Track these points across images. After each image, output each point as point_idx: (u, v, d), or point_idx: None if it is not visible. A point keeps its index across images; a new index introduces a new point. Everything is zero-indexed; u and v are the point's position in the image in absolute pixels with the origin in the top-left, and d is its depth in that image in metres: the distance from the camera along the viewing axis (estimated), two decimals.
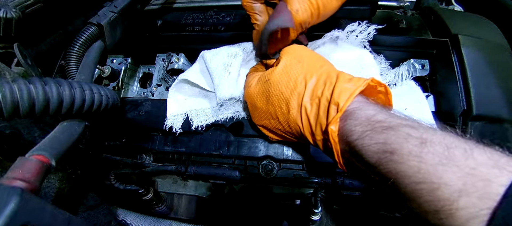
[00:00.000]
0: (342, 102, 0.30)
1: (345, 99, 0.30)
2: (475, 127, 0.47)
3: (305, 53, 0.40)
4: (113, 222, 0.62)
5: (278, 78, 0.38)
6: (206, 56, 0.56)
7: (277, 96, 0.38)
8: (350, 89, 0.31)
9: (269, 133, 0.45)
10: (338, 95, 0.31)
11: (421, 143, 0.24)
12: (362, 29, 0.51)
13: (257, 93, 0.41)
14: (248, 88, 0.43)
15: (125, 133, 0.61)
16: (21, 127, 0.50)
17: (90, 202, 0.61)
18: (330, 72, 0.35)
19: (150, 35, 0.66)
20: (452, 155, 0.23)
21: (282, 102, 0.37)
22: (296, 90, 0.36)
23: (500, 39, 0.54)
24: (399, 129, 0.26)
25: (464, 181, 0.21)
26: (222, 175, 0.55)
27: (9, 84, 0.28)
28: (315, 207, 0.57)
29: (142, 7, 0.64)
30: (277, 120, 0.39)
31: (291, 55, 0.40)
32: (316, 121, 0.33)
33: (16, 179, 0.26)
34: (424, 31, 0.59)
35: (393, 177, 0.25)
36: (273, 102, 0.38)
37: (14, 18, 0.43)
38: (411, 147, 0.25)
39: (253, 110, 0.44)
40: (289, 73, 0.37)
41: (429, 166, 0.23)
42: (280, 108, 0.38)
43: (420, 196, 0.23)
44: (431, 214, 0.22)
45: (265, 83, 0.40)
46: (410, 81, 0.55)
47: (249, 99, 0.43)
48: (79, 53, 0.48)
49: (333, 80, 0.33)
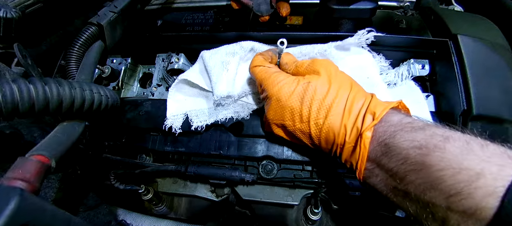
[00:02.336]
0: (378, 112, 0.35)
1: (381, 110, 0.35)
2: (475, 127, 0.47)
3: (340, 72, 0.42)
4: (113, 222, 0.62)
5: (321, 84, 0.39)
6: (205, 55, 0.56)
7: (317, 101, 0.39)
8: (384, 104, 0.36)
9: (282, 133, 0.46)
10: (375, 106, 0.36)
11: (445, 138, 0.29)
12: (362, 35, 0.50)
13: (291, 92, 0.41)
14: (279, 84, 0.42)
15: (125, 133, 0.61)
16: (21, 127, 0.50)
17: (90, 202, 0.61)
18: (364, 90, 0.40)
19: (150, 35, 0.66)
20: (471, 147, 0.27)
21: (321, 107, 0.39)
22: (340, 99, 0.38)
23: (500, 39, 0.54)
24: (425, 128, 0.31)
25: (482, 166, 0.25)
26: (222, 175, 0.55)
27: (9, 84, 0.28)
28: (315, 207, 0.57)
29: (142, 7, 0.64)
30: (307, 123, 0.40)
31: (328, 66, 0.42)
32: (352, 128, 0.37)
33: (16, 179, 0.26)
34: (424, 31, 0.59)
35: (420, 167, 0.29)
36: (310, 105, 0.39)
37: (14, 18, 0.43)
38: (436, 142, 0.29)
39: (276, 108, 0.43)
40: (332, 82, 0.40)
41: (451, 155, 0.27)
42: (317, 113, 0.39)
43: (442, 181, 0.27)
44: (452, 197, 0.26)
45: (304, 84, 0.40)
46: (409, 81, 0.55)
47: (276, 96, 0.42)
48: (79, 53, 0.48)
49: (369, 97, 0.38)
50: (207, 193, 0.63)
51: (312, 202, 0.57)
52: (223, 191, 0.63)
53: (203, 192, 0.63)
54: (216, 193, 0.64)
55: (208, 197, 0.63)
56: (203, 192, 0.63)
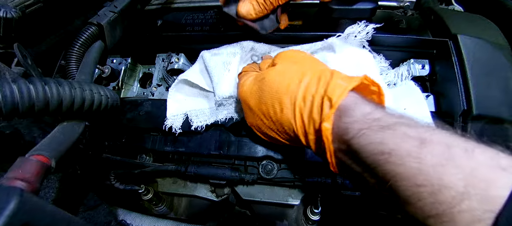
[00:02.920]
0: (335, 98, 0.29)
1: (338, 94, 0.29)
2: (475, 127, 0.47)
3: (300, 55, 0.40)
4: (113, 222, 0.62)
5: (273, 77, 0.37)
6: (205, 56, 0.56)
7: (270, 95, 0.36)
8: (343, 85, 0.30)
9: (261, 135, 0.44)
10: (332, 91, 0.30)
11: (421, 142, 0.23)
12: (361, 29, 0.51)
13: (250, 92, 0.40)
14: (241, 87, 0.42)
15: (125, 133, 0.61)
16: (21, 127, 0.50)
17: (90, 202, 0.61)
18: (324, 70, 0.34)
19: (150, 35, 0.66)
20: (453, 154, 0.22)
21: (275, 101, 0.36)
22: (290, 88, 0.34)
23: (500, 39, 0.54)
24: (396, 128, 0.25)
25: (466, 182, 0.20)
26: (222, 175, 0.55)
27: (9, 84, 0.28)
28: (315, 207, 0.57)
29: (142, 7, 0.64)
30: (270, 119, 0.38)
31: (286, 58, 0.40)
32: (309, 118, 0.32)
33: (16, 179, 0.26)
34: (424, 31, 0.59)
35: (391, 180, 0.24)
36: (266, 101, 0.37)
37: (14, 18, 0.43)
38: (409, 147, 0.23)
39: (246, 110, 0.43)
40: (284, 73, 0.36)
41: (429, 167, 0.22)
42: (272, 108, 0.36)
43: (420, 199, 0.22)
44: (432, 218, 0.22)
45: (259, 82, 0.39)
46: (409, 81, 0.55)
47: (242, 99, 0.42)
48: (79, 53, 0.48)
49: (327, 78, 0.32)
50: (207, 193, 0.63)
51: (312, 202, 0.57)
52: (223, 191, 0.63)
53: (203, 192, 0.63)
54: (216, 193, 0.64)
55: (208, 197, 0.63)
56: (203, 192, 0.63)
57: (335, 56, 0.52)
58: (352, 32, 0.51)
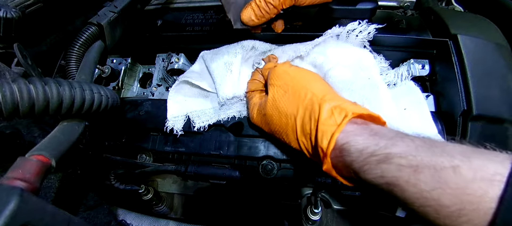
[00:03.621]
0: (325, 147, 0.33)
1: (326, 143, 0.32)
2: (475, 127, 0.47)
3: (288, 78, 0.42)
4: (113, 222, 0.62)
5: (271, 112, 0.42)
6: (205, 56, 0.56)
7: (276, 128, 0.42)
8: (331, 128, 0.33)
9: None
10: (321, 138, 0.33)
11: (414, 171, 0.26)
12: (362, 28, 0.51)
13: (260, 123, 0.47)
14: (252, 117, 0.49)
15: (125, 133, 0.61)
16: (21, 127, 0.50)
17: (90, 202, 0.61)
18: (313, 103, 0.36)
19: (150, 35, 0.66)
20: (444, 178, 0.25)
21: (282, 133, 0.42)
22: (289, 126, 0.39)
23: (500, 39, 0.54)
24: (390, 161, 0.28)
25: (460, 200, 0.23)
26: (222, 175, 0.55)
27: (9, 84, 0.28)
28: (315, 207, 0.57)
29: (142, 7, 0.64)
30: (283, 141, 0.43)
31: (277, 84, 0.43)
32: (313, 152, 0.37)
33: (16, 179, 0.26)
34: (424, 31, 0.59)
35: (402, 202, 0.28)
36: (275, 131, 0.43)
37: (14, 18, 0.43)
38: (406, 177, 0.26)
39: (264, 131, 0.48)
40: (279, 108, 0.41)
41: (426, 193, 0.25)
42: (281, 137, 0.43)
43: (427, 214, 0.26)
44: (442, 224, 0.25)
45: (263, 117, 0.45)
46: (409, 81, 0.55)
47: (257, 124, 0.49)
48: (79, 53, 0.48)
49: (316, 115, 0.35)
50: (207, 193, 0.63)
51: (312, 202, 0.57)
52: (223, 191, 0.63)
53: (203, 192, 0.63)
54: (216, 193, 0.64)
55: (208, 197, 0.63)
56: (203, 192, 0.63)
57: (336, 54, 0.52)
58: (352, 29, 0.51)
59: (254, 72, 0.53)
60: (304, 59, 0.54)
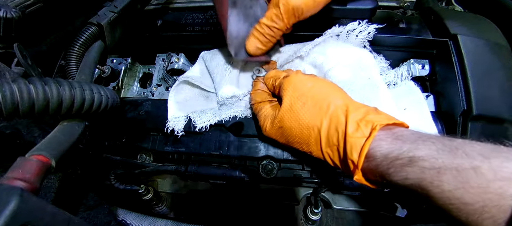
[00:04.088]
0: (356, 160, 0.34)
1: (357, 157, 0.34)
2: (475, 127, 0.47)
3: (305, 89, 0.41)
4: (113, 222, 0.62)
5: (290, 124, 0.41)
6: (205, 56, 0.56)
7: (296, 139, 0.41)
8: (360, 141, 0.34)
9: None
10: (350, 151, 0.34)
11: (437, 172, 0.28)
12: (362, 28, 0.51)
13: (275, 134, 0.45)
14: (264, 129, 0.46)
15: (125, 133, 0.61)
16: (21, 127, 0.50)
17: (90, 202, 0.61)
18: (338, 114, 0.37)
19: (150, 35, 0.66)
20: (465, 177, 0.26)
21: (303, 144, 0.41)
22: (311, 137, 0.39)
23: (500, 39, 0.54)
24: (414, 165, 0.30)
25: (482, 198, 0.25)
26: (222, 175, 0.55)
27: (9, 84, 0.28)
28: (315, 207, 0.57)
29: (142, 7, 0.64)
30: (301, 150, 0.43)
31: (293, 96, 0.41)
32: (341, 164, 0.37)
33: (16, 179, 0.26)
34: (424, 31, 0.59)
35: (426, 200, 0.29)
36: (293, 143, 0.42)
37: (14, 18, 0.43)
38: (430, 178, 0.28)
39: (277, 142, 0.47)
40: (299, 120, 0.40)
41: (449, 192, 0.27)
42: (302, 148, 0.42)
43: (450, 211, 0.27)
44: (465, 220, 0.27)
45: (279, 129, 0.43)
46: (409, 82, 0.55)
47: (270, 137, 0.46)
48: (79, 53, 0.48)
49: (342, 127, 0.35)
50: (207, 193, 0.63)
51: (312, 202, 0.57)
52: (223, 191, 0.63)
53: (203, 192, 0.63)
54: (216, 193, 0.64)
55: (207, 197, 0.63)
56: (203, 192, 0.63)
57: (336, 54, 0.52)
58: (352, 29, 0.51)
59: (256, 82, 0.51)
60: (304, 60, 0.54)
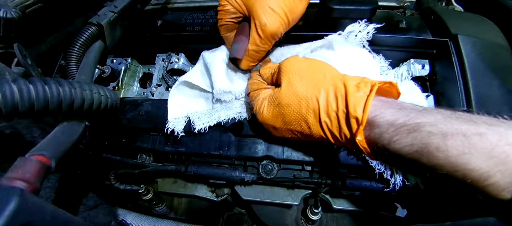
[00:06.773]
0: (360, 116, 0.33)
1: (361, 112, 0.33)
2: None
3: (302, 66, 0.41)
4: (113, 222, 0.62)
5: (288, 100, 0.40)
6: (205, 55, 0.56)
7: (293, 117, 0.40)
8: (362, 98, 0.33)
9: None
10: (354, 108, 0.33)
11: (443, 136, 0.28)
12: (361, 28, 0.51)
13: (272, 116, 0.43)
14: (261, 114, 0.45)
15: (125, 133, 0.61)
16: (21, 127, 0.50)
17: (90, 202, 0.61)
18: (336, 82, 0.37)
19: (150, 35, 0.66)
20: (472, 142, 0.27)
21: (301, 121, 0.40)
22: (310, 108, 0.38)
23: (500, 39, 0.54)
24: (421, 130, 0.30)
25: (488, 163, 0.26)
26: (222, 175, 0.55)
27: (9, 84, 0.28)
28: (315, 207, 0.57)
29: (142, 7, 0.64)
30: (299, 134, 0.42)
31: (290, 72, 0.41)
32: (340, 132, 0.36)
33: (16, 179, 0.26)
34: (424, 31, 0.59)
35: (429, 168, 0.30)
36: (291, 122, 0.41)
37: (14, 18, 0.43)
38: (436, 143, 0.28)
39: (271, 130, 0.46)
40: (297, 93, 0.39)
41: (455, 157, 0.27)
42: (300, 126, 0.40)
43: (455, 177, 0.28)
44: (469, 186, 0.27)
45: (276, 106, 0.42)
46: (409, 82, 0.55)
47: (265, 123, 0.45)
48: (79, 53, 0.48)
49: (342, 91, 0.35)
50: (207, 193, 0.63)
51: (312, 202, 0.57)
52: (223, 191, 0.63)
53: (203, 192, 0.63)
54: (216, 193, 0.64)
55: (208, 197, 0.63)
56: (203, 192, 0.63)
57: (335, 54, 0.52)
58: (352, 31, 0.51)
59: (252, 74, 0.52)
60: None
